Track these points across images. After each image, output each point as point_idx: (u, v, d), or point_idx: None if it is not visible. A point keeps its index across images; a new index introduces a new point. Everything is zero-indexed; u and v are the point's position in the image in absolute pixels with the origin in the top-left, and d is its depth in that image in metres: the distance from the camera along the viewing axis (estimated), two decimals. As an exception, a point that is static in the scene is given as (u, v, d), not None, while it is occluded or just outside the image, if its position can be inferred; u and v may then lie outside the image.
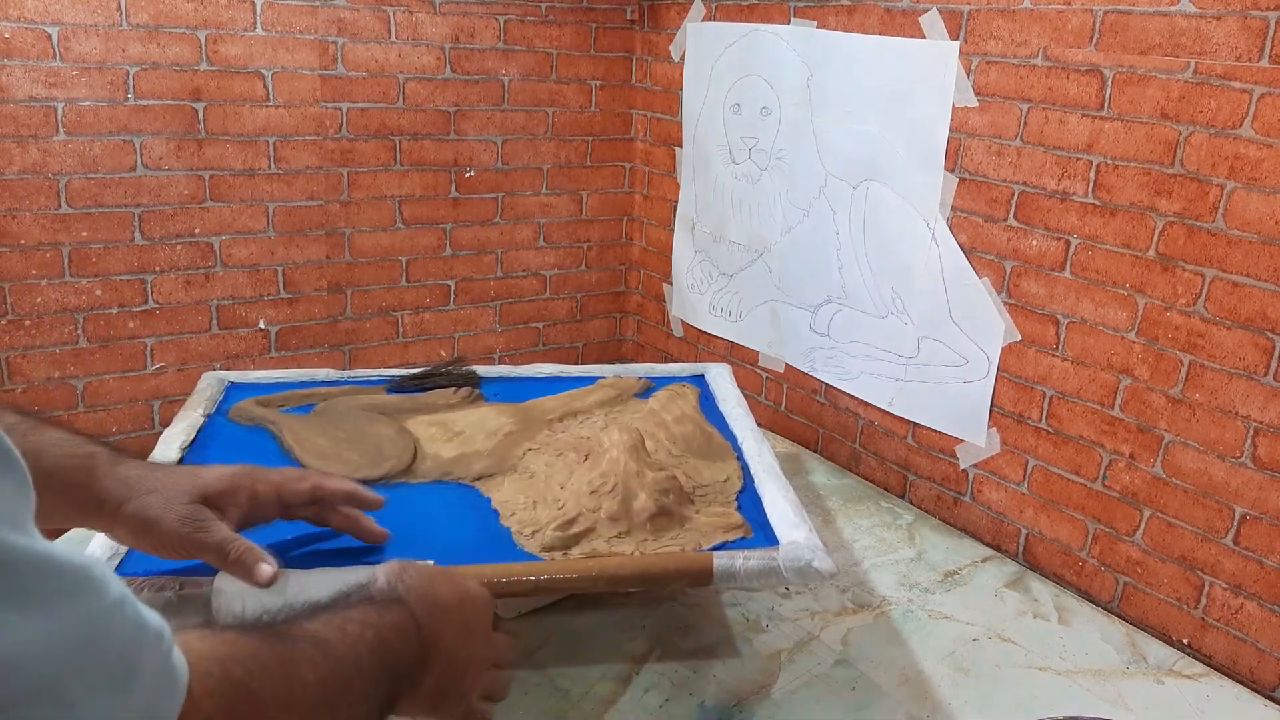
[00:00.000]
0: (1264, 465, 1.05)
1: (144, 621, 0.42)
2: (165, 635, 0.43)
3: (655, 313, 2.08)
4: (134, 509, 0.74)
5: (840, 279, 1.54)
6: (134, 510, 0.74)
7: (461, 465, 1.08)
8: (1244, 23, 1.02)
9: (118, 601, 0.40)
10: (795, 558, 0.90)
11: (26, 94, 1.49)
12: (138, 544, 0.76)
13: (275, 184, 1.71)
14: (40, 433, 0.72)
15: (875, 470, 1.55)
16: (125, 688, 0.39)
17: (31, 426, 0.72)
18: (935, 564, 1.26)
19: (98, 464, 0.74)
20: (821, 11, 1.52)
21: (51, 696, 0.36)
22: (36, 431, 0.72)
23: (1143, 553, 1.19)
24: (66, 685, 0.37)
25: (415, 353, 1.93)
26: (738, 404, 1.26)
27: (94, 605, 0.39)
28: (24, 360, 1.59)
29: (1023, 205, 1.26)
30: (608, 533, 0.95)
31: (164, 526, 0.73)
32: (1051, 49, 1.20)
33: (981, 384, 1.35)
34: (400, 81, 1.77)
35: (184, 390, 1.49)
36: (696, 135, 1.84)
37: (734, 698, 0.96)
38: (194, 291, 1.69)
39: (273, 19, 1.63)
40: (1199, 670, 1.08)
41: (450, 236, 1.91)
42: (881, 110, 1.42)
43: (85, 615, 0.38)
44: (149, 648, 0.41)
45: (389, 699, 0.59)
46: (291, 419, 1.15)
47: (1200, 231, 1.08)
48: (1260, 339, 1.04)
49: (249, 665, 0.48)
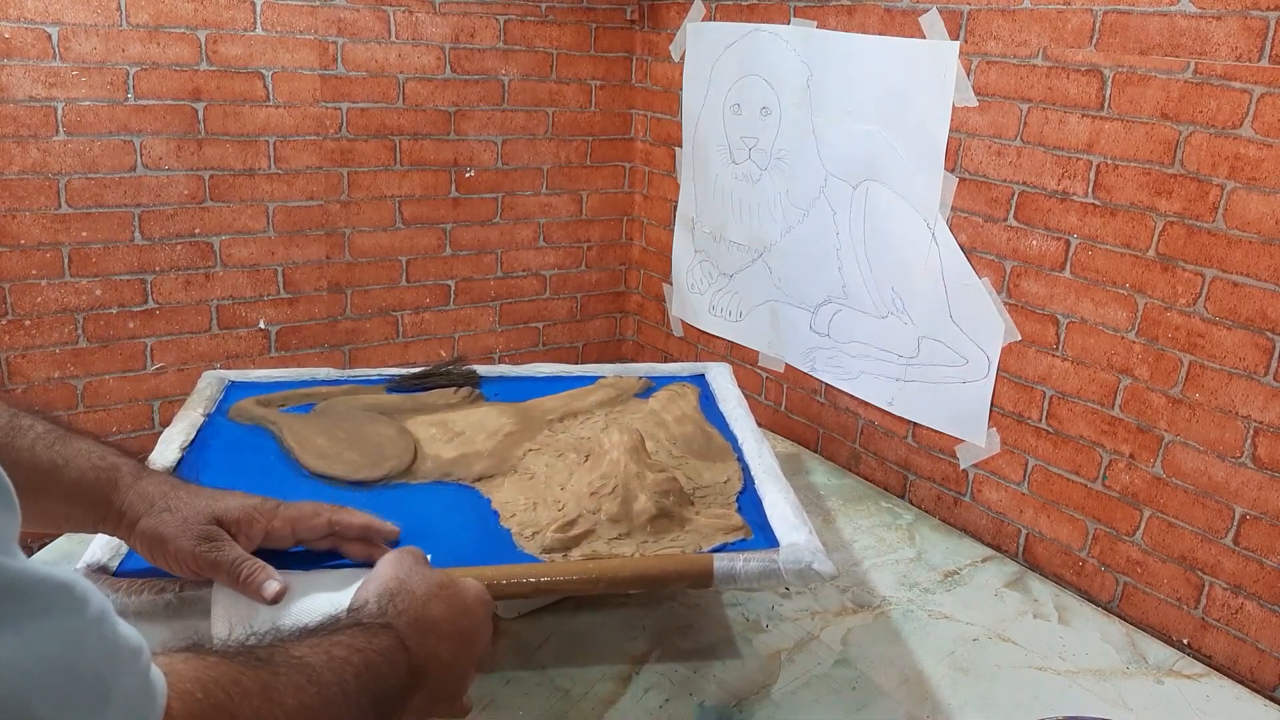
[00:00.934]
0: (1264, 465, 1.05)
1: (120, 640, 0.42)
2: (143, 654, 0.43)
3: (655, 313, 2.08)
4: (148, 525, 0.75)
5: (840, 279, 1.54)
6: (148, 527, 0.75)
7: (462, 466, 1.08)
8: (1244, 23, 1.02)
9: (94, 620, 0.40)
10: (795, 560, 0.90)
11: (26, 94, 1.49)
12: (152, 559, 0.77)
13: (275, 184, 1.71)
14: (68, 443, 0.74)
15: (875, 470, 1.55)
16: (98, 707, 0.39)
17: (59, 436, 0.74)
18: (935, 564, 1.26)
19: (120, 478, 0.76)
20: (821, 11, 1.52)
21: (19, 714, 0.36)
22: (64, 442, 0.74)
23: (1143, 553, 1.19)
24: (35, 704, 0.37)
25: (415, 353, 1.93)
26: (738, 404, 1.26)
27: (67, 623, 0.39)
28: (24, 360, 1.59)
29: (1023, 205, 1.26)
30: (608, 534, 0.95)
31: (177, 545, 0.75)
32: (1051, 49, 1.20)
33: (981, 384, 1.35)
34: (400, 81, 1.77)
35: (184, 390, 1.48)
36: (696, 135, 1.84)
37: (734, 698, 0.96)
38: (194, 291, 1.69)
39: (273, 19, 1.63)
40: (1199, 670, 1.08)
41: (450, 236, 1.91)
42: (881, 110, 1.42)
43: (57, 633, 0.38)
44: (124, 667, 0.41)
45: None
46: (291, 419, 1.15)
47: (1200, 231, 1.08)
48: (1260, 339, 1.04)
49: (231, 689, 0.48)
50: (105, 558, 0.85)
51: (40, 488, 0.72)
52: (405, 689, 0.62)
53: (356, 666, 0.57)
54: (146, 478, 0.77)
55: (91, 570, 0.83)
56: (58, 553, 1.15)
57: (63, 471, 0.73)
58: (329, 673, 0.55)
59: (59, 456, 0.73)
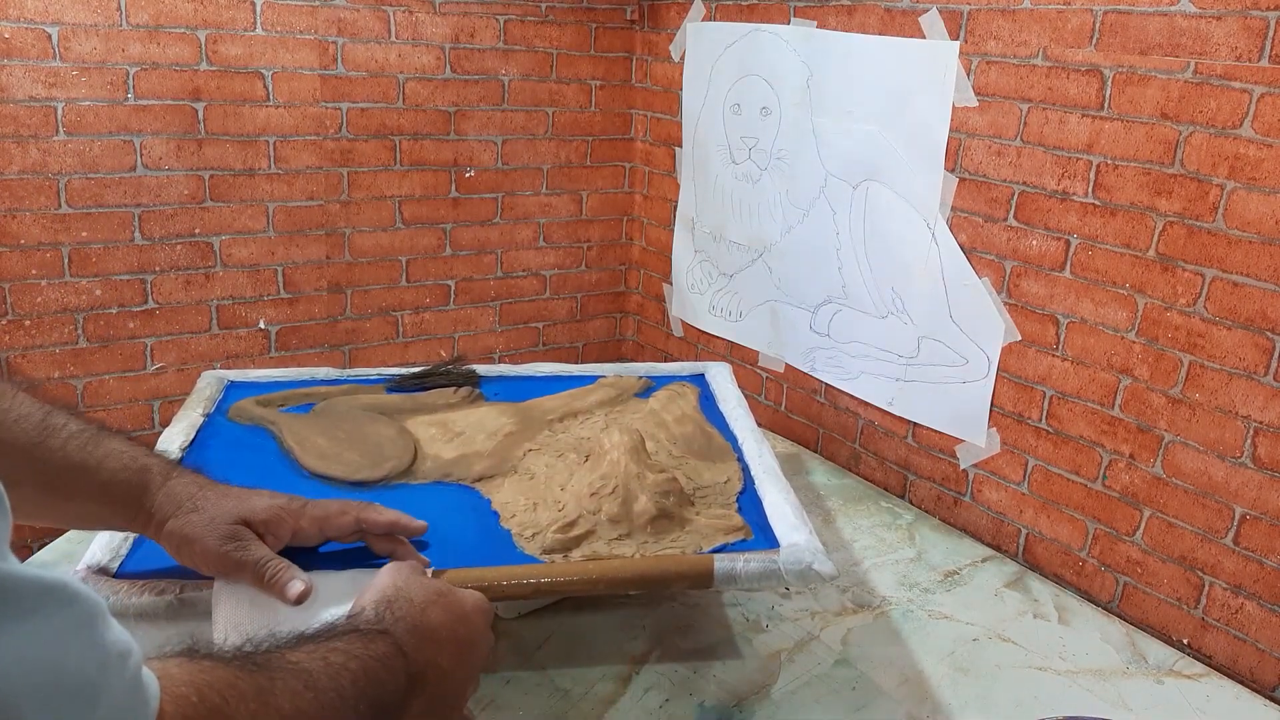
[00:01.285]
0: (1264, 465, 1.05)
1: (108, 643, 0.42)
2: (132, 657, 0.43)
3: (655, 313, 2.08)
4: (175, 526, 0.76)
5: (840, 279, 1.54)
6: (175, 528, 0.76)
7: (462, 466, 1.08)
8: (1244, 23, 1.02)
9: (82, 622, 0.40)
10: (796, 560, 0.90)
11: (26, 94, 1.49)
12: (179, 558, 0.78)
13: (275, 184, 1.71)
14: (99, 444, 0.75)
15: (875, 470, 1.55)
16: (86, 710, 0.39)
17: (91, 436, 0.75)
18: (935, 564, 1.26)
19: (150, 479, 0.77)
20: (821, 11, 1.52)
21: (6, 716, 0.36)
22: (96, 442, 0.75)
23: (1143, 553, 1.19)
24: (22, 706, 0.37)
25: (415, 353, 1.93)
26: (738, 404, 1.26)
27: (53, 625, 0.39)
28: (24, 360, 1.59)
29: (1023, 205, 1.26)
30: (608, 535, 0.95)
31: (204, 545, 0.75)
32: (1051, 49, 1.20)
33: (981, 384, 1.35)
34: (400, 81, 1.77)
35: (184, 390, 1.48)
36: (696, 135, 1.84)
37: (734, 698, 0.96)
38: (194, 291, 1.69)
39: (273, 19, 1.63)
40: (1199, 670, 1.08)
41: (450, 236, 1.91)
42: (881, 110, 1.42)
43: (43, 636, 0.38)
44: (113, 669, 0.41)
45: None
46: (291, 419, 1.15)
47: (1200, 231, 1.08)
48: (1260, 339, 1.04)
49: (226, 693, 0.48)
50: (105, 559, 0.85)
51: (73, 488, 0.73)
52: (403, 696, 0.62)
53: (354, 672, 0.57)
54: (176, 478, 0.78)
55: (91, 572, 0.83)
56: (58, 553, 1.15)
57: (94, 473, 0.74)
58: (326, 678, 0.55)
59: (90, 458, 0.74)
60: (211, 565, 0.76)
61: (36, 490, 0.72)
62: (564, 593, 0.97)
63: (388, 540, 0.85)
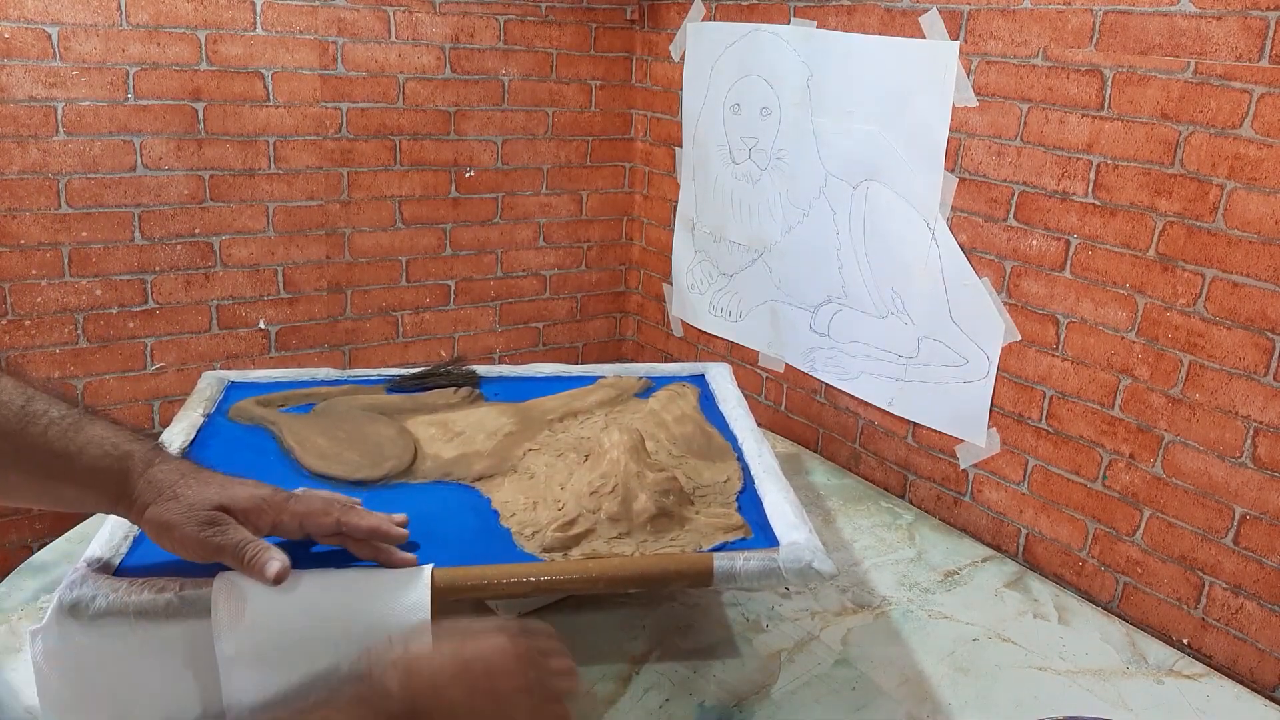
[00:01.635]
0: (1264, 465, 1.05)
1: None
2: None
3: (655, 313, 2.08)
4: (155, 513, 0.76)
5: (840, 279, 1.54)
6: (155, 514, 0.76)
7: (461, 465, 1.08)
8: (1244, 23, 1.02)
9: None
10: (795, 559, 0.90)
11: (26, 94, 1.49)
12: (160, 544, 0.78)
13: (275, 184, 1.71)
14: (81, 430, 0.75)
15: (875, 470, 1.55)
16: None
17: (73, 423, 0.75)
18: (935, 564, 1.26)
19: (132, 465, 0.77)
20: (821, 11, 1.52)
21: None
22: (78, 428, 0.75)
23: (1143, 553, 1.19)
24: None
25: (415, 353, 1.93)
26: (738, 404, 1.26)
27: None
28: (24, 360, 1.58)
29: (1023, 205, 1.26)
30: (608, 534, 0.95)
31: (182, 531, 0.76)
32: (1051, 49, 1.20)
33: (981, 384, 1.35)
34: (400, 81, 1.77)
35: (184, 390, 1.49)
36: (696, 135, 1.84)
37: (734, 698, 0.96)
38: (194, 291, 1.69)
39: (273, 19, 1.63)
40: (1199, 670, 1.08)
41: (450, 236, 1.91)
42: (881, 110, 1.42)
43: None
44: None
45: None
46: (291, 419, 1.15)
47: (1200, 231, 1.08)
48: (1260, 339, 1.04)
49: None
50: (107, 555, 0.85)
51: (51, 473, 0.74)
52: None
53: None
54: (159, 464, 0.78)
55: (92, 569, 0.83)
56: (58, 553, 1.15)
57: (75, 460, 0.74)
58: None
59: (72, 444, 0.74)
60: (191, 550, 0.76)
61: (18, 475, 0.73)
62: (564, 591, 0.97)
63: (368, 545, 0.84)
